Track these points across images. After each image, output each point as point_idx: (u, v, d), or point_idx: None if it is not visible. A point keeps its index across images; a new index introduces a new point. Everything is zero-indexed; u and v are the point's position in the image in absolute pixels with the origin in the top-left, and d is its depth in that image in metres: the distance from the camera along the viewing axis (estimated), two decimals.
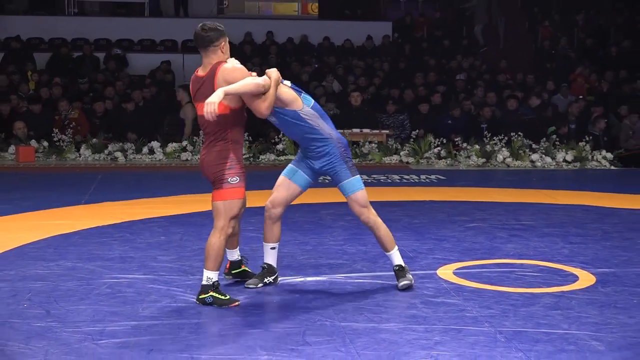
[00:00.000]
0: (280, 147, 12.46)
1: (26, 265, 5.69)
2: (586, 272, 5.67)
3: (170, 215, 7.66)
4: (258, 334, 4.31)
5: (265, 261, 5.32)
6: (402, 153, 12.46)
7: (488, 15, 19.84)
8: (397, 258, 5.27)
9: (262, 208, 5.32)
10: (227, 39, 4.95)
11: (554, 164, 12.26)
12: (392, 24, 19.23)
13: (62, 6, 19.14)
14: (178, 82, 16.95)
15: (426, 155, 12.39)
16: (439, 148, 12.46)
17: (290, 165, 5.30)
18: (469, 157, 12.31)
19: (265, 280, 5.28)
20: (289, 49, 17.72)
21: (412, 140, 12.68)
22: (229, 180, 4.82)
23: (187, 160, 12.25)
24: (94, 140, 12.42)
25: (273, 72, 4.94)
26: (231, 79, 4.77)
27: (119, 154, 12.23)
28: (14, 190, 9.15)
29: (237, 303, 4.84)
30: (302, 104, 5.03)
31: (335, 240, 6.63)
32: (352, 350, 4.06)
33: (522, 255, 6.18)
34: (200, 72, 4.90)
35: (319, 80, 15.52)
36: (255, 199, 8.77)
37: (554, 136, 12.82)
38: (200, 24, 4.93)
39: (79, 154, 12.25)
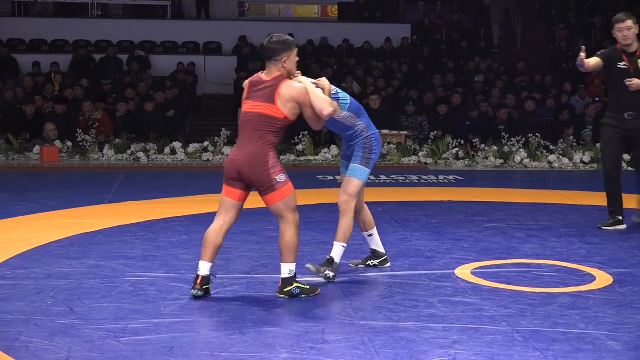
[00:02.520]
0: (300, 147, 12.53)
1: (50, 264, 5.78)
2: (603, 272, 5.67)
3: (192, 215, 7.73)
4: (278, 332, 4.36)
5: (371, 247, 5.74)
6: (420, 154, 12.49)
7: (505, 15, 19.80)
8: (335, 251, 5.41)
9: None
10: (294, 52, 5.05)
11: (571, 165, 12.24)
12: (411, 27, 19.26)
13: (86, 9, 19.32)
14: (200, 84, 17.10)
15: (444, 156, 12.41)
16: (457, 149, 12.49)
17: (341, 161, 5.64)
18: (486, 158, 12.32)
19: (369, 262, 5.74)
20: (309, 51, 17.78)
21: (430, 141, 12.71)
22: (277, 179, 4.94)
23: (208, 160, 12.35)
24: (117, 140, 12.54)
25: (326, 83, 5.12)
26: (292, 97, 4.94)
27: (141, 154, 12.35)
28: (39, 190, 9.26)
29: (318, 291, 5.08)
30: (339, 111, 5.19)
31: (354, 239, 6.65)
32: (371, 349, 4.10)
33: (539, 256, 6.19)
34: (265, 76, 5.11)
35: (338, 82, 15.55)
36: None
37: (587, 134, 12.84)
38: (270, 35, 5.15)
39: (102, 154, 12.38)
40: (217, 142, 12.58)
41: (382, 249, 5.78)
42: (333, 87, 5.27)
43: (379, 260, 5.75)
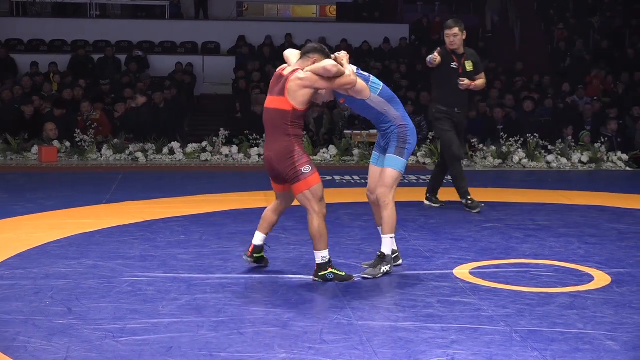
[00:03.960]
0: None
1: (49, 264, 5.78)
2: (601, 272, 5.68)
3: (190, 215, 7.73)
4: (276, 332, 4.36)
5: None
6: (418, 154, 12.49)
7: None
8: (385, 245, 5.48)
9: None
10: (325, 59, 5.26)
11: (570, 165, 12.26)
12: (409, 27, 19.27)
13: (84, 9, 19.32)
14: (198, 84, 17.10)
15: None
16: None
17: (373, 152, 5.75)
18: (485, 158, 12.33)
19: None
20: None
21: (428, 141, 12.71)
22: (302, 170, 5.22)
23: (206, 160, 12.35)
24: (115, 140, 12.54)
25: (344, 55, 5.34)
26: (300, 85, 5.19)
27: (139, 154, 12.34)
28: (37, 190, 9.25)
29: (353, 279, 5.30)
30: (369, 93, 5.38)
31: (353, 239, 6.68)
32: (369, 349, 4.10)
33: (537, 256, 6.20)
34: (285, 71, 5.32)
35: None
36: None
37: (586, 135, 12.88)
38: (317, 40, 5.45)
39: (101, 154, 12.37)
40: (215, 142, 12.58)
41: (395, 247, 5.71)
42: (366, 73, 5.49)
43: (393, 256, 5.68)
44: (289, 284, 5.34)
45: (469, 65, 8.21)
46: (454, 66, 8.12)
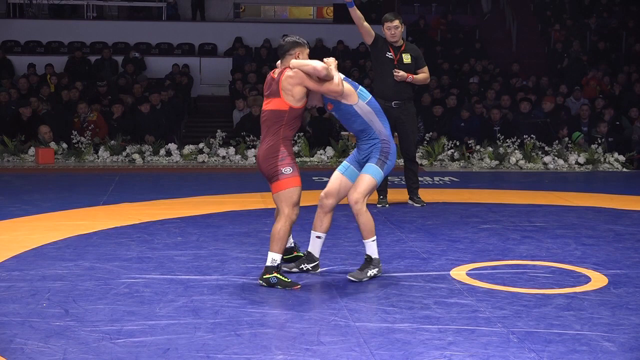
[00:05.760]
0: (295, 149, 12.53)
1: (45, 265, 5.78)
2: (598, 273, 5.69)
3: (187, 216, 7.73)
4: (273, 333, 4.37)
5: (308, 249, 5.62)
6: (416, 155, 12.48)
7: None
8: (370, 248, 5.46)
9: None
10: (306, 50, 5.37)
11: (566, 166, 12.27)
12: (406, 28, 19.27)
13: (81, 11, 19.32)
14: (195, 85, 17.11)
15: (440, 157, 12.43)
16: (452, 150, 12.50)
17: (344, 161, 5.64)
18: (482, 159, 12.34)
19: (302, 266, 5.60)
20: None
21: (425, 142, 12.72)
22: (282, 171, 5.24)
23: (203, 162, 12.35)
24: (112, 142, 12.54)
25: (332, 61, 5.33)
26: (292, 82, 5.24)
27: (136, 156, 12.34)
28: (34, 192, 9.25)
29: (298, 286, 5.22)
30: (357, 98, 5.36)
31: (350, 241, 6.68)
32: (366, 350, 4.11)
33: (534, 257, 6.21)
34: (275, 74, 5.39)
35: None
36: (272, 200, 8.84)
37: (581, 137, 12.91)
38: (284, 35, 5.56)
39: (98, 156, 12.37)
40: (212, 144, 12.58)
41: (318, 255, 5.63)
42: (356, 83, 5.46)
43: (312, 265, 5.62)
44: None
45: (406, 58, 8.18)
46: (389, 56, 8.09)
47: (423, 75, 8.32)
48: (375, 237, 5.48)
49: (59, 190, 9.47)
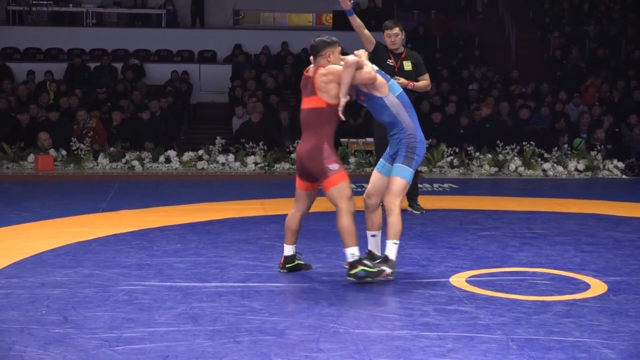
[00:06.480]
0: (294, 156, 12.52)
1: (45, 272, 5.77)
2: (598, 280, 5.69)
3: (187, 223, 7.73)
4: (272, 340, 4.36)
5: (368, 248, 5.82)
6: None
7: None
8: (389, 249, 5.57)
9: (279, 216, 5.45)
10: (338, 49, 5.60)
11: (566, 173, 12.28)
12: (405, 35, 19.29)
13: (80, 18, 19.34)
14: (194, 92, 17.12)
15: (439, 164, 12.43)
16: (451, 157, 12.51)
17: (380, 160, 5.84)
18: (481, 166, 12.35)
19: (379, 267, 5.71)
20: (303, 59, 17.80)
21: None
22: (330, 167, 5.41)
23: (203, 169, 12.35)
24: (112, 149, 12.54)
25: (363, 52, 5.63)
26: (326, 80, 5.43)
27: (136, 163, 12.34)
28: (33, 199, 9.25)
29: (386, 272, 5.44)
30: (387, 91, 5.56)
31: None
32: (366, 357, 4.10)
33: (534, 264, 6.20)
34: (309, 72, 5.58)
35: None
36: (271, 207, 8.85)
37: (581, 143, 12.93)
38: (316, 36, 5.71)
39: (97, 163, 12.36)
40: (211, 151, 12.58)
41: (379, 252, 5.81)
42: (388, 76, 5.70)
43: (377, 261, 5.73)
44: (285, 292, 5.34)
45: (407, 65, 8.23)
46: (390, 63, 8.13)
47: (424, 82, 8.32)
48: (398, 242, 5.60)
49: (58, 197, 9.47)
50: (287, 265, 5.76)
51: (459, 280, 5.67)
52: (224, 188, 10.56)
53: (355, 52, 5.59)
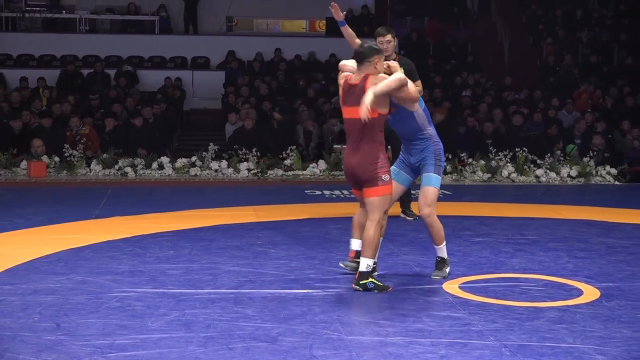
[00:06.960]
0: (287, 162, 12.53)
1: (37, 279, 5.76)
2: (590, 286, 5.70)
3: (179, 230, 7.72)
4: (265, 347, 4.35)
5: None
6: None
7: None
8: (440, 251, 5.91)
9: (272, 223, 5.44)
10: (382, 57, 5.53)
11: (559, 179, 12.30)
12: (399, 41, 19.34)
13: (73, 24, 19.32)
14: (188, 99, 17.11)
15: None
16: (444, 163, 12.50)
17: (393, 167, 5.90)
18: (474, 172, 12.36)
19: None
20: (297, 66, 17.84)
21: None
22: (382, 177, 5.44)
23: (196, 175, 12.34)
24: (105, 155, 12.52)
25: (397, 65, 5.59)
26: (378, 82, 5.40)
27: (129, 169, 12.32)
28: (26, 205, 9.23)
29: (390, 289, 5.49)
30: (418, 106, 5.70)
31: (343, 254, 6.66)
32: None
33: (527, 270, 6.22)
34: (353, 80, 5.52)
35: (326, 97, 15.61)
36: (264, 213, 8.85)
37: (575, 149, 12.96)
38: (361, 42, 5.81)
39: (90, 169, 12.34)
40: (204, 157, 12.57)
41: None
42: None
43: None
44: (278, 298, 5.33)
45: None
46: None
47: (417, 88, 8.31)
48: (445, 243, 5.90)
49: (51, 204, 9.45)
50: (356, 259, 5.68)
51: (452, 286, 5.68)
52: (217, 194, 10.55)
53: (391, 64, 5.56)
